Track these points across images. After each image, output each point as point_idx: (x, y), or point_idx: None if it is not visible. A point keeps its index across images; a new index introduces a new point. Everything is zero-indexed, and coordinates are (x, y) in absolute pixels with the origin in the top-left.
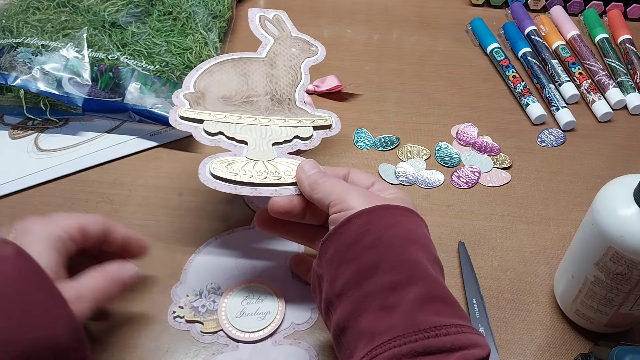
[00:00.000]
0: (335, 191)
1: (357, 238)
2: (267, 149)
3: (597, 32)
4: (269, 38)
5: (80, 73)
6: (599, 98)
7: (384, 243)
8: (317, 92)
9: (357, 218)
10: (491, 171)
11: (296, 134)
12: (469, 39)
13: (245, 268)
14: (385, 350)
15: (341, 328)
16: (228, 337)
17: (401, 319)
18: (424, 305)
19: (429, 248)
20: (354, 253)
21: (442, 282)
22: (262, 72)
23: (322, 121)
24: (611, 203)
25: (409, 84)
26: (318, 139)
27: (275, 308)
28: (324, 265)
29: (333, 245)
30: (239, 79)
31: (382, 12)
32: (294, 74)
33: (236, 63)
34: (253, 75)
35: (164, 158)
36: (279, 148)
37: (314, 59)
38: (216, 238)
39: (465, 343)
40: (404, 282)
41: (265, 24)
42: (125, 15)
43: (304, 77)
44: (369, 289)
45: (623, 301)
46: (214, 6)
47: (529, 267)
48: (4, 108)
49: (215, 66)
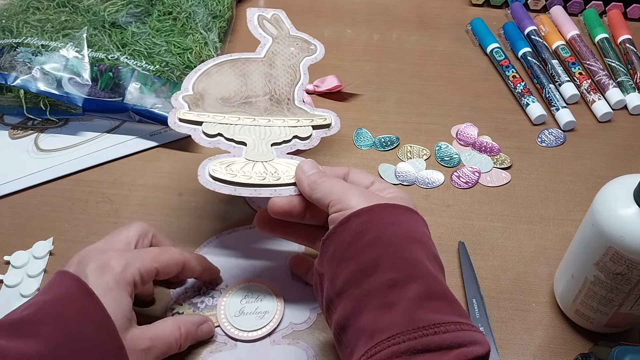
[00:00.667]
0: (335, 191)
1: (356, 236)
2: (266, 149)
3: (597, 32)
4: (268, 38)
5: (80, 73)
6: (599, 98)
7: (383, 241)
8: (317, 92)
9: (356, 217)
10: (491, 171)
11: (295, 133)
12: (469, 39)
13: (245, 267)
14: (385, 348)
15: (342, 326)
16: (226, 336)
17: (400, 316)
18: (424, 302)
19: (428, 246)
20: (354, 251)
21: (441, 280)
22: (261, 72)
23: (321, 120)
24: (611, 203)
25: (409, 84)
26: (317, 139)
27: (274, 308)
28: (325, 264)
29: (333, 244)
30: (237, 80)
31: (382, 12)
32: (293, 73)
33: (235, 64)
34: (252, 76)
35: (164, 158)
36: (278, 148)
37: (312, 58)
38: (217, 237)
39: (465, 340)
40: (403, 280)
41: (264, 23)
42: (125, 15)
43: (303, 76)
44: (368, 287)
45: (623, 301)
46: (214, 6)
47: (529, 267)
48: (4, 108)
49: (214, 67)
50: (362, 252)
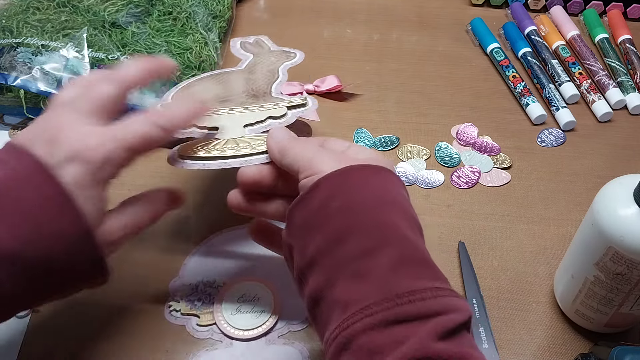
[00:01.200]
0: (305, 155)
1: (325, 202)
2: (240, 130)
3: (597, 32)
4: (249, 55)
5: (80, 73)
6: (599, 98)
7: (354, 206)
8: (317, 92)
9: (326, 180)
10: (491, 171)
11: (269, 115)
12: (469, 39)
13: (245, 265)
14: (358, 320)
15: (315, 299)
16: (222, 334)
17: (374, 285)
18: (398, 269)
19: (404, 208)
20: (323, 218)
21: (418, 243)
22: (241, 77)
23: (297, 101)
24: (611, 203)
25: (409, 84)
26: (293, 117)
27: (271, 307)
28: (293, 234)
29: (301, 212)
30: (217, 86)
31: (382, 12)
32: (272, 75)
33: (216, 77)
34: (231, 82)
35: (164, 158)
36: (252, 129)
37: (291, 62)
38: (220, 234)
39: (443, 308)
40: (377, 246)
41: (246, 46)
42: (125, 15)
43: (282, 75)
44: (340, 256)
45: (623, 301)
46: (214, 6)
47: (529, 267)
48: (4, 108)
49: (196, 81)
50: (331, 219)
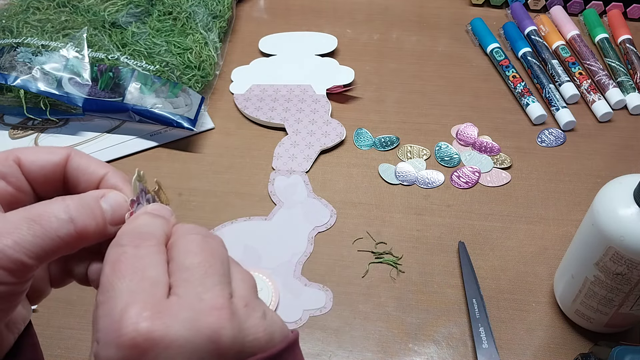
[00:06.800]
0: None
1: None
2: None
3: (597, 32)
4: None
5: (80, 73)
6: (599, 98)
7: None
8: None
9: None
10: (491, 171)
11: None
12: (469, 39)
13: (251, 256)
14: None
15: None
16: None
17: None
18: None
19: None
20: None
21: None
22: None
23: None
24: (611, 203)
25: (409, 84)
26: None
27: (269, 302)
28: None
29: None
30: None
31: (382, 12)
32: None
33: None
34: None
35: (164, 158)
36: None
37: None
38: (232, 222)
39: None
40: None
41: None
42: (125, 15)
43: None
44: None
45: (623, 301)
46: (214, 6)
47: (529, 267)
48: (4, 108)
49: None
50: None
